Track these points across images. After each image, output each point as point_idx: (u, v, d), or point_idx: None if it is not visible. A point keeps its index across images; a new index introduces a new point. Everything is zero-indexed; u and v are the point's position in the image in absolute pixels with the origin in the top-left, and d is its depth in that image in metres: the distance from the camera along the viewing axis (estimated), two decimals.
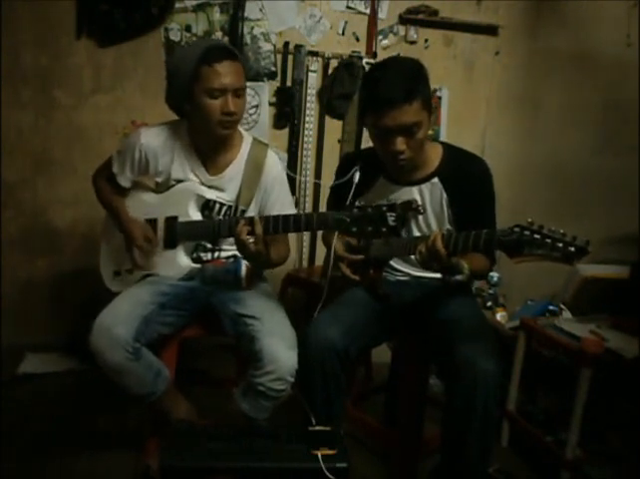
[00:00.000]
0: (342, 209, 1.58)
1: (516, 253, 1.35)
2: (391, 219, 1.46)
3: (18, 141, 2.62)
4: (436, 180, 1.73)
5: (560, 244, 1.29)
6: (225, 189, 1.81)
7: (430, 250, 1.46)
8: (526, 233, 1.34)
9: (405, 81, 1.56)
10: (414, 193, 1.74)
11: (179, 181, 1.80)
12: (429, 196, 1.74)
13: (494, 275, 2.56)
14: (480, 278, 2.00)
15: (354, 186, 1.74)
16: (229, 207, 1.82)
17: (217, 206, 1.81)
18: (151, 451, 1.78)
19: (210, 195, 1.79)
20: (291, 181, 2.75)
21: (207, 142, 1.77)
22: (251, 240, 1.62)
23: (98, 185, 1.92)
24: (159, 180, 1.83)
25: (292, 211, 1.85)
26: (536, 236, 1.32)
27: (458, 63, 2.83)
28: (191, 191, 1.79)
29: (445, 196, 1.72)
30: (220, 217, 1.82)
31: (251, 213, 1.81)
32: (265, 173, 1.82)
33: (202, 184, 1.80)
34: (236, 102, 1.68)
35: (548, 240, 1.31)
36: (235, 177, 1.81)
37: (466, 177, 1.70)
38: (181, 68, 1.66)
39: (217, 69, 1.63)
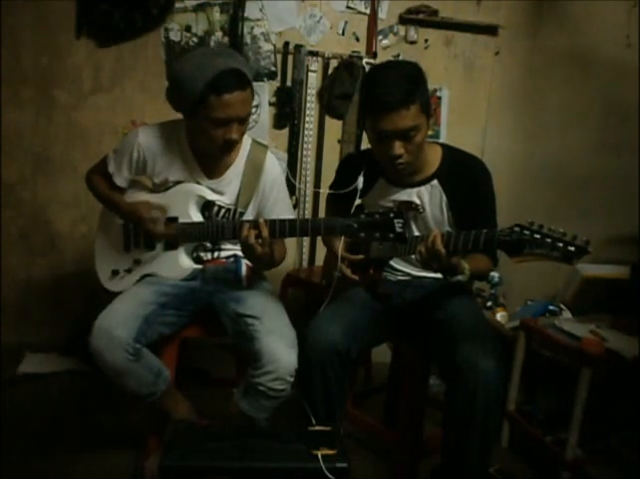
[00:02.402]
0: (341, 209, 1.58)
1: (517, 253, 1.35)
2: (398, 225, 1.45)
3: (18, 141, 2.62)
4: (435, 182, 1.73)
5: (560, 244, 1.29)
6: (225, 191, 1.81)
7: (429, 250, 1.46)
8: (526, 232, 1.34)
9: (402, 85, 1.55)
10: (413, 195, 1.74)
11: (178, 182, 1.80)
12: (428, 198, 1.74)
13: (495, 276, 2.56)
14: (482, 279, 1.99)
15: (359, 192, 1.74)
16: (228, 209, 1.82)
17: (216, 208, 1.81)
18: (151, 451, 1.79)
19: (211, 195, 1.79)
20: (291, 182, 2.75)
21: (206, 150, 1.75)
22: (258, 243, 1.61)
23: (93, 182, 1.90)
24: (156, 180, 1.82)
25: (290, 213, 1.86)
26: (536, 235, 1.32)
27: (458, 63, 2.83)
28: (192, 191, 1.78)
29: (444, 198, 1.72)
30: (220, 218, 1.81)
31: (249, 214, 1.82)
32: (264, 175, 1.82)
33: (201, 186, 1.80)
34: (239, 128, 1.65)
35: (548, 240, 1.31)
36: (234, 179, 1.80)
37: (465, 179, 1.70)
38: (188, 89, 1.58)
39: (226, 100, 1.57)
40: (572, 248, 1.28)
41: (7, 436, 1.97)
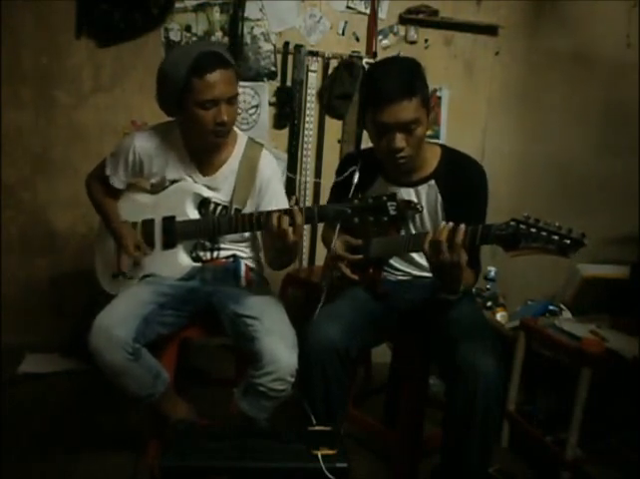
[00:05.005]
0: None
1: (512, 247, 1.36)
2: (392, 208, 1.46)
3: (18, 141, 2.62)
4: (432, 182, 1.73)
5: (556, 237, 1.30)
6: (220, 188, 1.81)
7: (432, 243, 1.45)
8: (522, 226, 1.34)
9: (404, 78, 1.56)
10: (411, 194, 1.74)
11: (175, 181, 1.80)
12: (425, 197, 1.74)
13: (492, 270, 2.56)
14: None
15: (353, 186, 1.74)
16: (225, 206, 1.82)
17: (213, 205, 1.82)
18: (151, 452, 1.79)
19: (207, 193, 1.80)
20: (291, 181, 2.75)
21: (201, 144, 1.77)
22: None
23: (91, 188, 1.92)
24: (153, 181, 1.83)
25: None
26: (532, 229, 1.32)
27: (458, 63, 2.83)
28: (188, 189, 1.79)
29: (439, 198, 1.72)
30: (216, 216, 1.81)
31: (247, 212, 1.81)
32: (260, 172, 1.82)
33: (197, 184, 1.80)
34: (229, 110, 1.66)
35: (544, 233, 1.31)
36: (229, 176, 1.81)
37: (461, 181, 1.70)
38: (172, 77, 1.62)
39: (209, 80, 1.60)
40: (568, 241, 1.29)
41: (7, 436, 1.97)
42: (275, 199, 1.83)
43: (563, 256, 1.31)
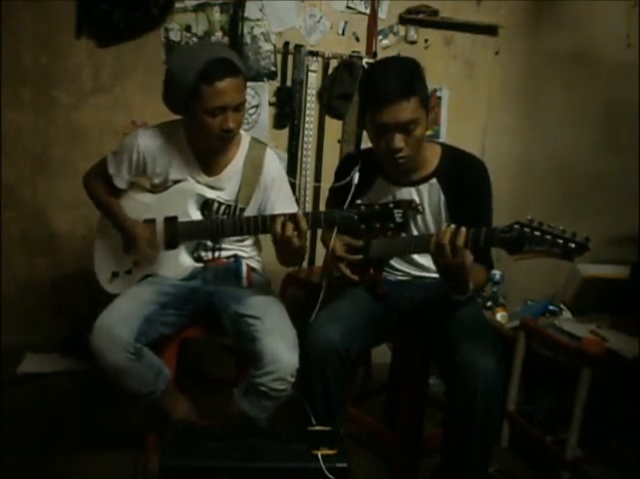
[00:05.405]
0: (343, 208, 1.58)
1: (517, 250, 1.35)
2: (398, 215, 1.46)
3: (18, 141, 2.62)
4: (434, 181, 1.73)
5: (560, 241, 1.30)
6: (224, 187, 1.81)
7: (436, 245, 1.45)
8: (526, 229, 1.34)
9: (402, 78, 1.56)
10: (412, 193, 1.74)
11: (177, 181, 1.80)
12: (427, 196, 1.74)
13: (497, 273, 2.55)
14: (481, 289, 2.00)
15: (353, 187, 1.74)
16: (228, 206, 1.82)
17: (216, 205, 1.81)
18: (150, 451, 1.79)
19: (210, 194, 1.79)
20: (291, 182, 2.75)
21: (205, 146, 1.77)
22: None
23: (91, 186, 1.90)
24: (156, 181, 1.82)
25: (294, 208, 1.84)
26: (536, 232, 1.32)
27: (458, 63, 2.83)
28: (191, 190, 1.78)
29: (442, 197, 1.72)
30: (220, 216, 1.81)
31: (251, 211, 1.81)
32: (264, 171, 1.82)
33: (200, 184, 1.80)
34: (235, 117, 1.66)
35: (548, 237, 1.31)
36: (234, 176, 1.81)
37: (464, 178, 1.70)
38: (180, 81, 1.61)
39: (218, 87, 1.59)
40: (573, 245, 1.28)
41: (7, 436, 1.97)
42: (280, 198, 1.83)
43: (567, 260, 1.31)
